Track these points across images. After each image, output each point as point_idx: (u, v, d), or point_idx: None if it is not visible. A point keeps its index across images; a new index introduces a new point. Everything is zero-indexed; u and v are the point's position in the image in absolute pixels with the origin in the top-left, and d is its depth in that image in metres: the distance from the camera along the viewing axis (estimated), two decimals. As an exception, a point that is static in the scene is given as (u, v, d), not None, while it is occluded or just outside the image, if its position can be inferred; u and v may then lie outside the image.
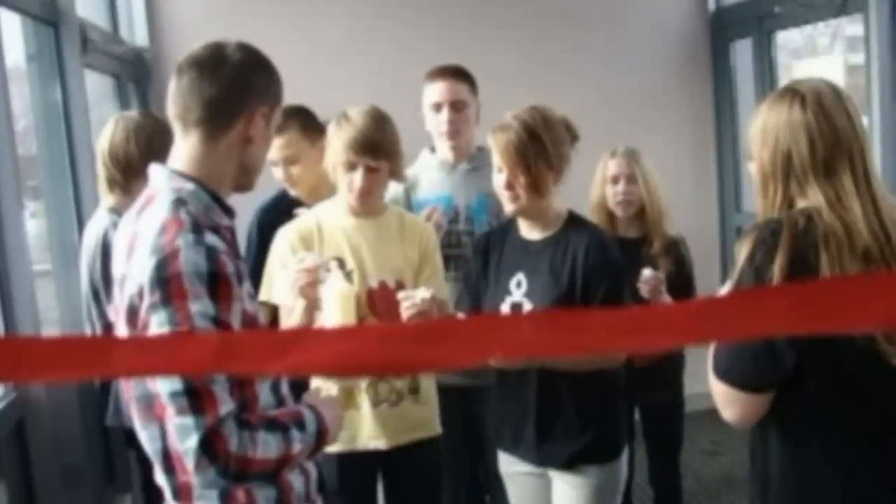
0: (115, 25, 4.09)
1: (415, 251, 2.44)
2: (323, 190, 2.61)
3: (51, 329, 2.88)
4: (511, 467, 2.35)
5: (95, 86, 3.98)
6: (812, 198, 1.55)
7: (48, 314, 2.91)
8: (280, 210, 2.72)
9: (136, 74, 4.08)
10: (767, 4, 4.31)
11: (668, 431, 3.14)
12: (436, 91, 2.83)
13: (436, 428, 2.48)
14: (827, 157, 1.55)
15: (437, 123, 2.85)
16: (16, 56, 2.90)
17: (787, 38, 4.84)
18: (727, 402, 1.60)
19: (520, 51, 4.58)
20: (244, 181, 1.61)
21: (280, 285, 2.32)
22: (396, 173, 2.42)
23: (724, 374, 1.57)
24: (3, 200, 2.25)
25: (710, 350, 1.62)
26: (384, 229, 2.44)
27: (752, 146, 1.65)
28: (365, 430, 2.38)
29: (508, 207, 2.25)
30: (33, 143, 3.10)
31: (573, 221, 2.29)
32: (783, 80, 4.35)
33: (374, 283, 2.38)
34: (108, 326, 2.43)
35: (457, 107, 2.82)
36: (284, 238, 2.41)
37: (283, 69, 1.63)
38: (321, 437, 1.58)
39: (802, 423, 1.58)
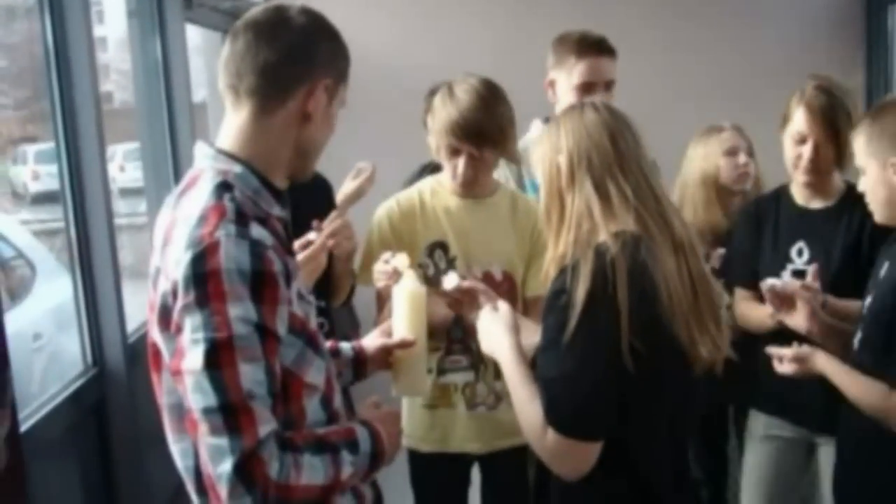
0: (225, -21, 4.01)
1: (526, 240, 2.18)
2: None
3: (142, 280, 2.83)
4: (772, 430, 2.36)
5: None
6: None
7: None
8: None
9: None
10: (938, -38, 3.83)
11: None
12: (590, 70, 2.41)
13: (537, 432, 2.25)
14: None
15: None
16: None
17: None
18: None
19: (647, 9, 4.22)
20: (299, 166, 1.41)
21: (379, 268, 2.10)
22: (507, 155, 2.16)
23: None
24: (84, 153, 2.22)
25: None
26: (493, 213, 2.19)
27: None
28: (458, 432, 2.19)
29: (804, 178, 2.22)
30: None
31: (852, 191, 2.23)
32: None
33: (478, 273, 2.14)
34: None
35: (610, 87, 2.43)
36: (385, 214, 2.20)
37: (401, 26, 1.40)
38: (376, 459, 1.38)
39: None
